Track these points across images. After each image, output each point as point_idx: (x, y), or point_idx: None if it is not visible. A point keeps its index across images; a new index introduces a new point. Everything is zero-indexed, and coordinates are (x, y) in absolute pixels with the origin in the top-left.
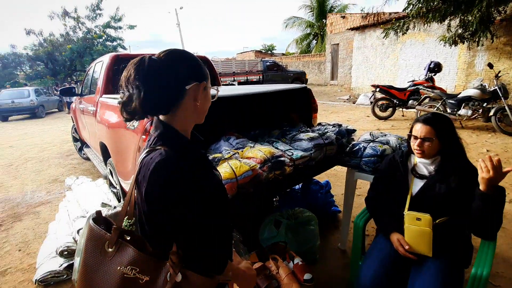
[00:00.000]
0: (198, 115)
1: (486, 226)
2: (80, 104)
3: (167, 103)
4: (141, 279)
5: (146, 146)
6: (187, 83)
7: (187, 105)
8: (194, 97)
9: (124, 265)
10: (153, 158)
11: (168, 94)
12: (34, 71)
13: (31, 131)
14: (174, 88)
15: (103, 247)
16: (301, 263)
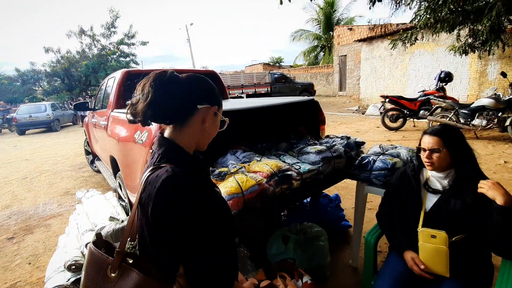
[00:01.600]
0: (202, 138)
1: (506, 244)
2: (93, 118)
3: (175, 114)
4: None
5: (149, 164)
6: (200, 103)
7: (194, 124)
8: (203, 119)
9: None
10: (159, 175)
11: (178, 106)
12: (52, 87)
13: (46, 144)
14: (186, 102)
15: (105, 272)
16: (310, 281)
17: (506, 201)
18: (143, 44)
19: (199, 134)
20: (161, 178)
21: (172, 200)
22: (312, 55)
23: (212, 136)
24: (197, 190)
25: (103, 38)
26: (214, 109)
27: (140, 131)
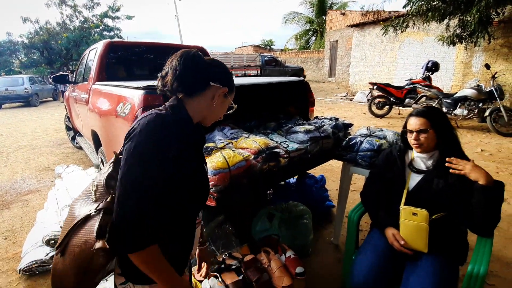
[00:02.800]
0: (208, 114)
1: (484, 222)
2: (73, 92)
3: (191, 86)
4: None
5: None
6: (213, 81)
7: (204, 98)
8: (213, 96)
9: (95, 180)
10: (147, 114)
11: (195, 80)
12: (30, 59)
13: (24, 119)
14: (202, 77)
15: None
16: (293, 256)
17: (489, 181)
18: (128, 19)
19: (206, 109)
20: (148, 115)
21: (155, 134)
22: (304, 39)
23: (217, 115)
24: (183, 144)
25: (86, 10)
26: (225, 90)
27: (122, 103)
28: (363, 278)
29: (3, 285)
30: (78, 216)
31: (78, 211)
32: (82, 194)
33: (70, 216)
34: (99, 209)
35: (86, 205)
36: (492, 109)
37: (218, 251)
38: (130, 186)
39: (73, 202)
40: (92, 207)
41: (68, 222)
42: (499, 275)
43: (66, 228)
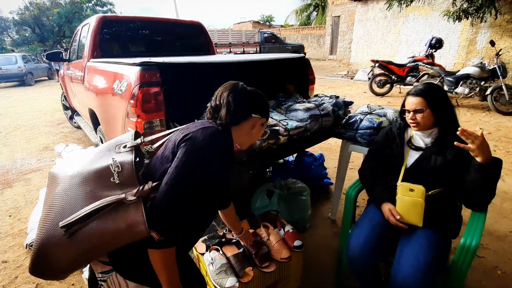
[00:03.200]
0: (246, 140)
1: (479, 198)
2: (68, 70)
3: (238, 117)
4: (113, 178)
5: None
6: (255, 112)
7: (245, 127)
8: (253, 125)
9: (117, 161)
10: (206, 123)
11: (241, 112)
12: (21, 37)
13: (20, 99)
14: (246, 109)
15: (121, 145)
16: (291, 230)
17: (487, 159)
18: None
19: (245, 136)
20: (210, 128)
21: (214, 147)
22: (305, 15)
23: (253, 141)
24: (229, 160)
25: None
26: (263, 120)
27: (119, 80)
28: (358, 250)
29: (11, 259)
30: (103, 198)
31: (97, 191)
32: (96, 172)
33: (85, 195)
34: (138, 197)
35: (107, 186)
36: (494, 87)
37: (218, 226)
38: (184, 187)
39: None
40: (118, 191)
41: (81, 201)
42: (489, 248)
43: (79, 206)
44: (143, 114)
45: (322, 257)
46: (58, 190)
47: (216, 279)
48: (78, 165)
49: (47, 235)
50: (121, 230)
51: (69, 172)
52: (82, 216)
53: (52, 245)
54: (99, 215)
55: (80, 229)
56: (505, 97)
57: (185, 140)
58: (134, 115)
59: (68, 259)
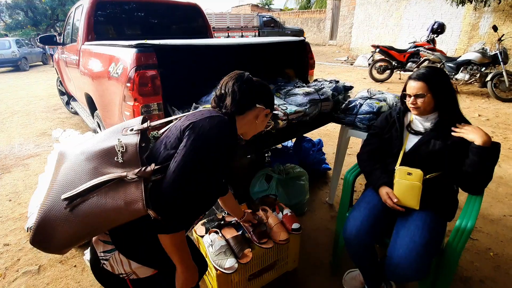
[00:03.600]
0: (250, 130)
1: (476, 181)
2: (63, 54)
3: (243, 107)
4: (117, 157)
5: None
6: (259, 102)
7: (249, 117)
8: (257, 115)
9: (122, 141)
10: (213, 112)
11: (246, 101)
12: (14, 21)
13: (15, 84)
14: (251, 99)
15: (128, 128)
16: (290, 213)
17: (484, 142)
18: None
19: (249, 126)
20: (221, 118)
21: (220, 136)
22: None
23: (257, 131)
24: (233, 148)
25: None
26: (267, 111)
27: (114, 63)
28: (355, 231)
29: (13, 242)
30: (106, 174)
31: (100, 168)
32: (102, 151)
33: (89, 171)
34: (139, 177)
35: (110, 164)
36: (494, 73)
37: (218, 210)
38: (191, 176)
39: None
40: (121, 170)
41: (84, 176)
42: (482, 231)
43: (82, 181)
44: (140, 98)
45: (319, 239)
46: (64, 166)
47: (215, 260)
48: (86, 144)
49: (50, 206)
50: (119, 207)
51: (77, 150)
52: (83, 190)
53: (54, 217)
54: (100, 191)
55: (81, 203)
56: (505, 83)
57: (192, 128)
58: (131, 98)
59: (68, 233)
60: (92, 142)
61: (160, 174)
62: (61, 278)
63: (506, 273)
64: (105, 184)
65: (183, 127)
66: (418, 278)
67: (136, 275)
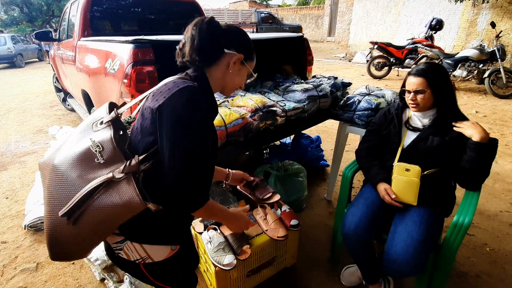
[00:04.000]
0: (226, 83)
1: (474, 177)
2: (59, 50)
3: (208, 55)
4: (97, 158)
5: (176, 76)
6: (227, 47)
7: (220, 67)
8: (228, 63)
9: (95, 140)
10: (179, 83)
11: (211, 48)
12: (10, 17)
13: (11, 80)
14: (217, 45)
15: (97, 122)
16: (288, 210)
17: (482, 138)
18: None
19: (223, 78)
20: (184, 85)
21: (186, 104)
22: None
23: (236, 84)
24: (208, 110)
25: None
26: (240, 57)
27: (111, 59)
28: (353, 227)
29: (10, 240)
30: (92, 180)
31: (85, 175)
32: (79, 156)
33: (75, 181)
34: (126, 173)
35: (93, 167)
36: (491, 70)
37: None
38: (186, 157)
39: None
40: (106, 170)
41: (73, 188)
42: (479, 227)
43: (71, 193)
44: (137, 94)
45: (318, 235)
46: (49, 181)
47: (214, 257)
48: (62, 151)
49: (53, 225)
50: (119, 208)
51: (55, 160)
52: (76, 203)
53: (61, 234)
54: (94, 198)
55: (81, 215)
56: (502, 80)
57: (162, 110)
58: (128, 95)
59: (82, 243)
60: (67, 147)
61: (147, 162)
62: (59, 276)
63: (502, 267)
64: (95, 191)
65: (154, 109)
66: (415, 273)
67: (151, 258)
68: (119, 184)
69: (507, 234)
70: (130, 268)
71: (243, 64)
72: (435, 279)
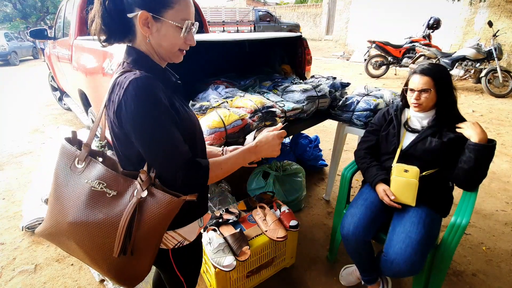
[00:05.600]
0: (158, 51)
1: (471, 178)
2: (54, 48)
3: (118, 32)
4: (108, 193)
5: (118, 70)
6: (131, 11)
7: (141, 38)
8: (142, 30)
9: (92, 180)
10: (127, 77)
11: (116, 23)
12: (2, 13)
13: (5, 79)
14: (120, 16)
15: (73, 163)
16: (287, 211)
17: (481, 139)
18: None
19: (151, 47)
20: (129, 79)
21: (139, 98)
22: None
23: (171, 46)
24: (164, 93)
25: None
26: (143, 15)
27: (109, 59)
28: (352, 228)
29: (8, 242)
30: (119, 213)
31: (110, 213)
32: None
33: (104, 222)
34: (147, 187)
35: (111, 202)
36: (488, 69)
37: (215, 207)
38: (165, 150)
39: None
40: (123, 198)
41: (109, 228)
42: (475, 226)
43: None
44: None
45: (316, 235)
46: (79, 239)
47: (214, 258)
48: (63, 209)
49: (116, 267)
50: (164, 215)
51: (67, 219)
52: (124, 238)
53: (126, 269)
54: (137, 224)
55: (133, 244)
56: (499, 79)
57: (121, 116)
58: None
59: (145, 261)
60: (65, 204)
61: (151, 169)
62: (58, 277)
63: (498, 266)
64: (133, 219)
65: (114, 119)
66: (413, 273)
67: (187, 239)
68: (148, 199)
69: (503, 233)
70: (160, 257)
71: (158, 20)
72: (432, 278)
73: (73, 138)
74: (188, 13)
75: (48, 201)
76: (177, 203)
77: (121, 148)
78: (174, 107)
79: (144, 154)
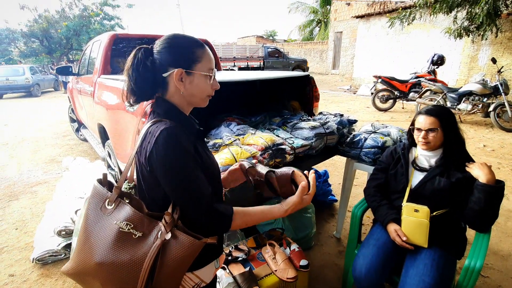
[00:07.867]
0: (190, 101)
1: (482, 219)
2: (77, 84)
3: (150, 91)
4: (134, 234)
5: (149, 119)
6: (165, 71)
7: (174, 91)
8: (175, 85)
9: (120, 221)
10: (159, 127)
11: (149, 83)
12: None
13: (27, 110)
14: (153, 77)
15: (103, 204)
16: (297, 249)
17: (489, 179)
18: (129, 7)
19: (182, 99)
20: (160, 129)
21: (169, 146)
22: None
23: (200, 94)
24: (191, 142)
25: None
26: (179, 72)
27: None
28: (365, 270)
29: (17, 273)
30: (144, 255)
31: (135, 255)
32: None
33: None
34: (171, 230)
35: (136, 244)
36: (496, 104)
37: (224, 243)
38: (191, 193)
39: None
40: (148, 241)
41: (133, 270)
42: (493, 268)
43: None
44: None
45: (327, 276)
46: (105, 279)
47: None
48: (90, 249)
49: None
50: (186, 257)
51: (95, 259)
52: (146, 280)
53: None
54: (160, 266)
55: (155, 285)
56: (508, 113)
57: (151, 162)
58: None
59: None
60: (93, 242)
61: (175, 209)
62: None
63: None
64: (156, 262)
65: (145, 163)
66: None
67: (204, 281)
68: (172, 240)
69: None
70: None
71: (189, 74)
72: None
73: (103, 179)
74: (212, 63)
75: (77, 240)
76: (198, 245)
77: (148, 190)
78: (197, 152)
79: (171, 197)
